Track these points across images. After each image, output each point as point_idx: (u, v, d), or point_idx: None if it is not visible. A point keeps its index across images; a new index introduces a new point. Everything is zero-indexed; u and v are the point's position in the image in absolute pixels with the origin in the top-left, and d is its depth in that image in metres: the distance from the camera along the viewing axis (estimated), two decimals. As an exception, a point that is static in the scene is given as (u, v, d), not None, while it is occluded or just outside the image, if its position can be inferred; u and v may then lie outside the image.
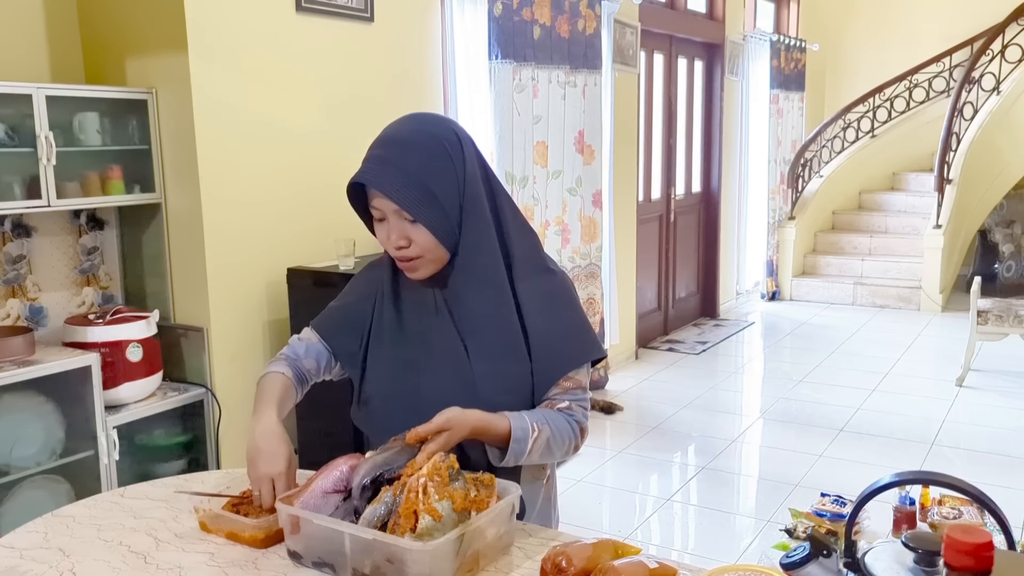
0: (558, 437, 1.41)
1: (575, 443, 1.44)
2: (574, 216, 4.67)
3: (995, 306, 5.12)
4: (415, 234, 1.34)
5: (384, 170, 1.32)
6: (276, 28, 3.19)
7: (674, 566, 1.19)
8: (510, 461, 1.37)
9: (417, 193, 1.31)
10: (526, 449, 1.37)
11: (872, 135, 8.37)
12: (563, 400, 1.44)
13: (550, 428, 1.40)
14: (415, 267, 1.39)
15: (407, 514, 1.17)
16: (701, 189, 7.00)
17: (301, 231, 3.34)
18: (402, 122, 1.38)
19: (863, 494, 1.09)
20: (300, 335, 1.56)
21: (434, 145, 1.34)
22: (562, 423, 1.42)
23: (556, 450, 1.42)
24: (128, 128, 3.04)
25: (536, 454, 1.39)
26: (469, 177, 1.36)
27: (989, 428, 4.39)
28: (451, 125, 1.40)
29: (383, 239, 1.39)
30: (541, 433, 1.38)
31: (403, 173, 1.31)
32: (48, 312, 3.01)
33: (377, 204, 1.35)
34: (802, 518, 3.29)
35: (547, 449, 1.40)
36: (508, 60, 4.06)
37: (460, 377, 1.40)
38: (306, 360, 1.52)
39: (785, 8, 8.30)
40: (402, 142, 1.34)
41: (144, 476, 2.93)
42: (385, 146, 1.34)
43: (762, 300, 7.74)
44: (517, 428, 1.36)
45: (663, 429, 4.46)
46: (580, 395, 1.46)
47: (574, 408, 1.44)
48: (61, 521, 1.45)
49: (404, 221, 1.34)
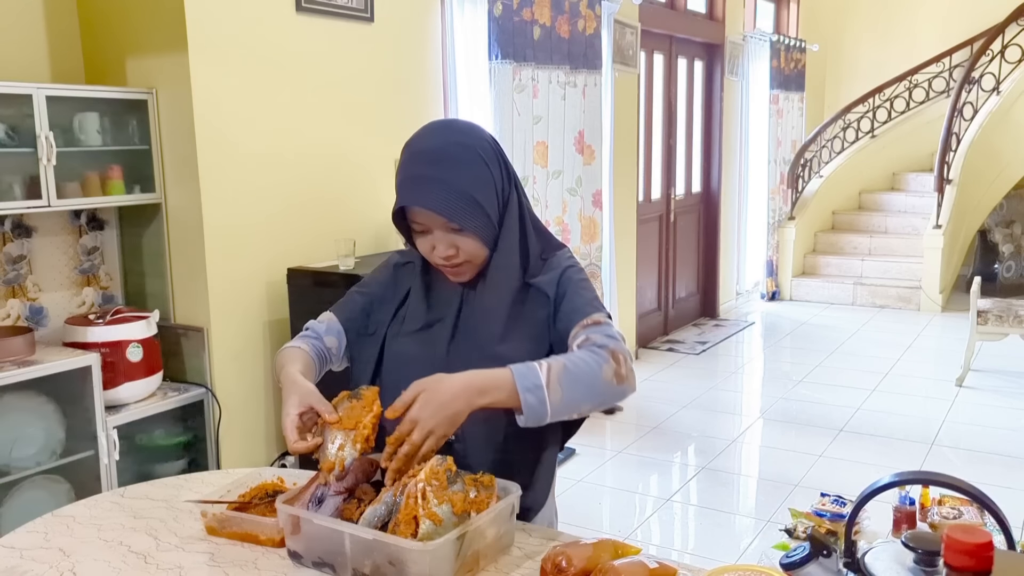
0: (579, 363, 1.28)
1: (611, 368, 1.30)
2: (574, 216, 4.68)
3: (995, 306, 5.12)
4: (462, 243, 1.36)
5: (428, 188, 1.33)
6: (276, 28, 3.19)
7: (674, 566, 1.19)
8: (534, 406, 1.24)
9: (463, 205, 1.33)
10: (541, 383, 1.24)
11: (872, 135, 8.38)
12: (579, 338, 1.35)
13: (564, 359, 1.29)
14: (462, 272, 1.41)
15: (407, 520, 1.17)
16: (701, 189, 7.00)
17: (301, 231, 3.34)
18: (432, 134, 1.39)
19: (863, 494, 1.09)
20: (319, 318, 1.54)
21: (471, 155, 1.35)
22: (580, 352, 1.31)
23: (590, 379, 1.28)
24: (128, 128, 3.04)
25: (562, 388, 1.25)
26: (503, 181, 1.39)
27: (989, 428, 4.39)
28: (479, 132, 1.41)
29: (427, 250, 1.40)
30: (553, 365, 1.26)
31: (445, 187, 1.32)
32: (48, 312, 3.01)
33: (421, 219, 1.36)
34: (802, 518, 3.29)
35: (574, 380, 1.26)
36: (508, 60, 4.06)
37: (482, 362, 1.32)
38: (327, 338, 1.50)
39: (785, 8, 8.30)
40: (439, 157, 1.34)
41: (144, 476, 2.93)
42: (422, 163, 1.35)
43: (762, 300, 7.74)
44: (520, 367, 1.26)
45: (663, 429, 4.46)
46: (594, 328, 1.35)
47: (591, 338, 1.33)
48: (61, 521, 1.45)
49: (450, 232, 1.36)
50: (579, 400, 1.28)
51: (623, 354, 1.33)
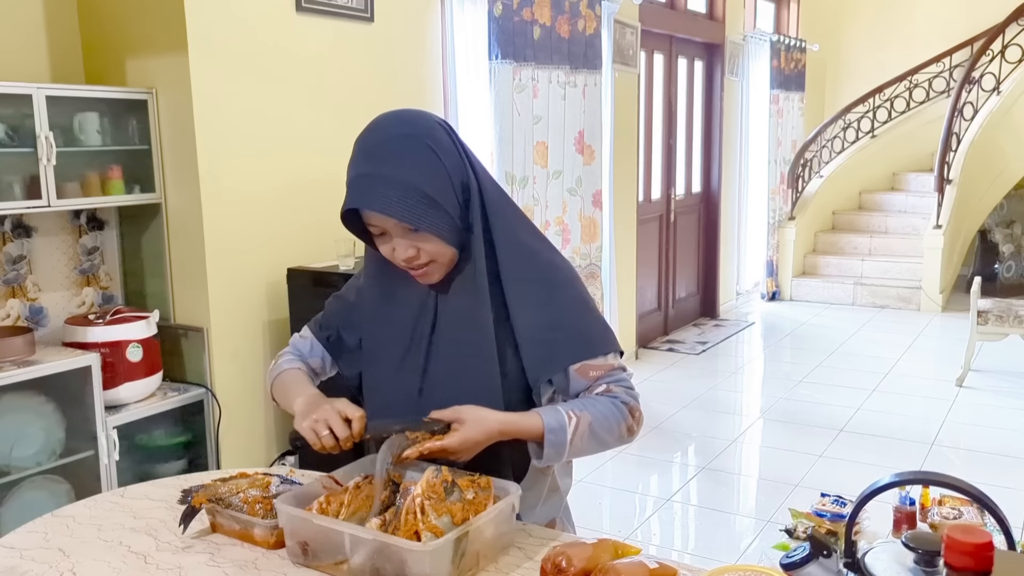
0: (603, 421, 1.32)
1: (627, 424, 1.35)
2: (574, 216, 4.67)
3: (995, 306, 5.12)
4: (421, 242, 1.29)
5: (373, 188, 1.24)
6: (276, 28, 3.19)
7: (674, 566, 1.19)
8: (552, 457, 1.30)
9: (413, 203, 1.24)
10: (566, 440, 1.29)
11: (872, 135, 8.37)
12: (599, 385, 1.36)
13: (590, 413, 1.32)
14: (428, 273, 1.33)
15: (408, 535, 1.17)
16: (701, 189, 7.00)
17: (301, 231, 3.34)
18: (375, 129, 1.30)
19: (863, 494, 1.09)
20: (301, 333, 1.55)
21: (417, 147, 1.26)
22: (605, 404, 1.34)
23: (606, 435, 1.33)
24: (128, 128, 3.04)
25: (582, 443, 1.31)
26: (462, 170, 1.30)
27: (989, 428, 4.39)
28: (427, 119, 1.31)
29: (387, 253, 1.32)
30: (581, 420, 1.30)
31: (394, 185, 1.24)
32: (48, 312, 3.01)
33: (375, 221, 1.29)
34: (802, 518, 3.28)
35: (593, 436, 1.32)
36: (508, 60, 4.06)
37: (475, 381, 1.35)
38: (312, 359, 1.51)
39: (785, 8, 8.30)
40: (383, 153, 1.26)
41: (144, 476, 2.93)
42: (367, 162, 1.26)
43: (762, 300, 7.74)
44: (551, 421, 1.29)
45: (663, 429, 4.46)
46: (617, 375, 1.38)
47: (614, 389, 1.36)
48: (61, 521, 1.44)
49: (407, 232, 1.28)
50: (589, 452, 1.35)
51: (639, 411, 1.39)
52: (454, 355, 1.36)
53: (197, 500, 1.36)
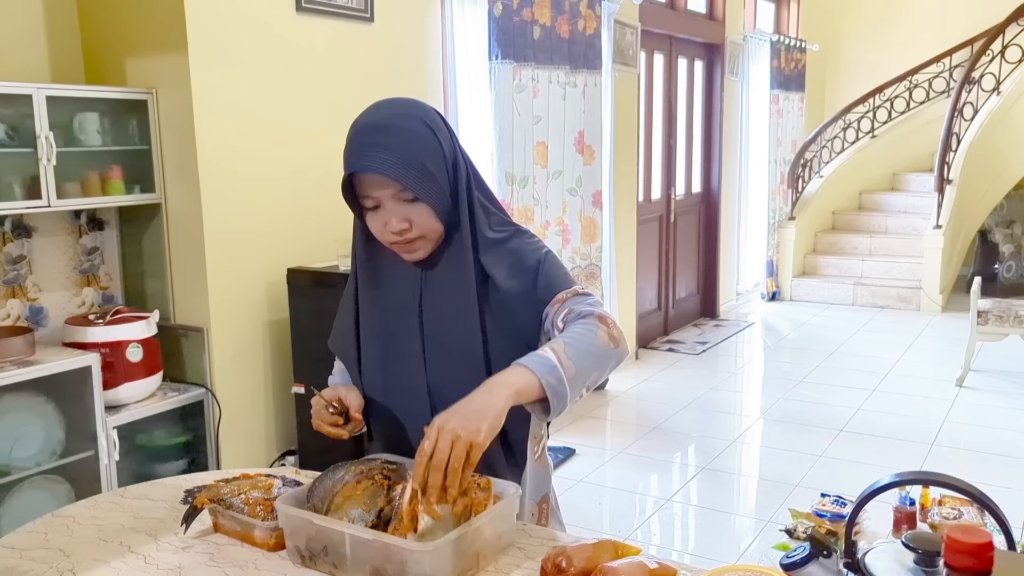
0: (578, 338, 1.27)
1: (604, 332, 1.29)
2: (574, 216, 4.67)
3: (995, 306, 5.12)
4: (415, 214, 1.33)
5: (376, 153, 1.29)
6: (276, 28, 3.19)
7: (674, 566, 1.19)
8: (557, 397, 1.21)
9: (415, 171, 1.29)
10: (555, 364, 1.22)
11: (872, 135, 8.38)
12: (560, 314, 1.34)
13: (562, 340, 1.27)
14: (415, 248, 1.37)
15: (409, 516, 1.17)
16: (701, 189, 7.00)
17: (301, 231, 3.34)
18: (375, 110, 1.35)
19: (863, 494, 1.09)
20: (333, 371, 1.62)
21: (417, 125, 1.32)
22: (573, 329, 1.29)
23: (592, 349, 1.27)
24: (128, 128, 3.04)
25: (574, 366, 1.23)
26: (452, 151, 1.36)
27: (989, 428, 4.39)
28: (423, 104, 1.39)
29: (379, 228, 1.36)
30: (555, 347, 1.25)
31: (396, 153, 1.29)
32: (48, 312, 3.01)
33: (372, 192, 1.32)
34: (802, 518, 3.29)
35: (580, 355, 1.25)
36: (508, 60, 4.06)
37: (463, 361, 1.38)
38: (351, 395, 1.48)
39: (785, 8, 8.30)
40: (386, 127, 1.31)
41: (144, 476, 2.93)
42: (369, 133, 1.31)
43: (762, 300, 7.74)
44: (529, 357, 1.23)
45: (663, 429, 4.46)
46: (573, 300, 1.35)
47: (574, 310, 1.33)
48: (61, 521, 1.44)
49: (403, 203, 1.32)
50: (588, 370, 1.26)
51: (610, 317, 1.33)
52: (440, 323, 1.41)
53: (199, 501, 1.36)
